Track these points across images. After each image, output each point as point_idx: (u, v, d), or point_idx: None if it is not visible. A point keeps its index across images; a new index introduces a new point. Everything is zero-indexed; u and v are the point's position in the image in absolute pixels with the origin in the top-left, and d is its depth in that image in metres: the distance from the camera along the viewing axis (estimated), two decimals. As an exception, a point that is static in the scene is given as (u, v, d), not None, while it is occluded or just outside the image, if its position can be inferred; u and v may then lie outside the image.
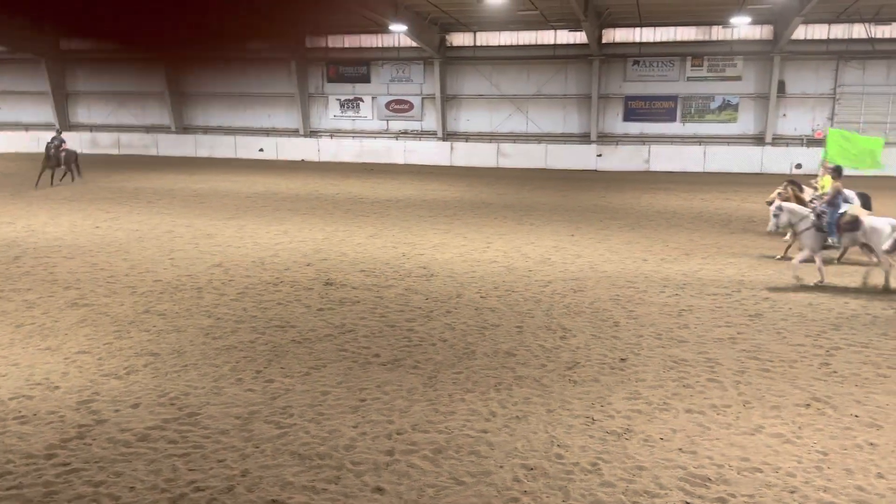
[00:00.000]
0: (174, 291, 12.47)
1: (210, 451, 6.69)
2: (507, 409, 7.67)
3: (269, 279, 13.42)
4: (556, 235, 18.33)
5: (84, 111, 47.75)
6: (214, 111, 45.59)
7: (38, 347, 9.49)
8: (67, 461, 6.48)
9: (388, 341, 9.89)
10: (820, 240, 13.29)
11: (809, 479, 6.27)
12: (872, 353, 9.55)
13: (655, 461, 6.56)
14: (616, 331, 10.45)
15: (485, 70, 40.49)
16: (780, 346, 9.83)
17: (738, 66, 36.95)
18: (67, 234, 17.79)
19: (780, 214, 13.58)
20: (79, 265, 14.38)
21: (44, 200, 23.57)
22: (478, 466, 6.46)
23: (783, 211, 13.62)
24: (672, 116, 38.32)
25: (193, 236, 17.68)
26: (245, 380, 8.45)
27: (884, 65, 35.13)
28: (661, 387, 8.32)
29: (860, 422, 7.42)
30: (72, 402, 7.73)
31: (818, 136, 36.52)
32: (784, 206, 13.78)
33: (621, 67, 38.50)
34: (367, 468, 6.41)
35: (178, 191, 26.77)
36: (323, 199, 24.86)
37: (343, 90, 43.11)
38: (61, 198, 24.18)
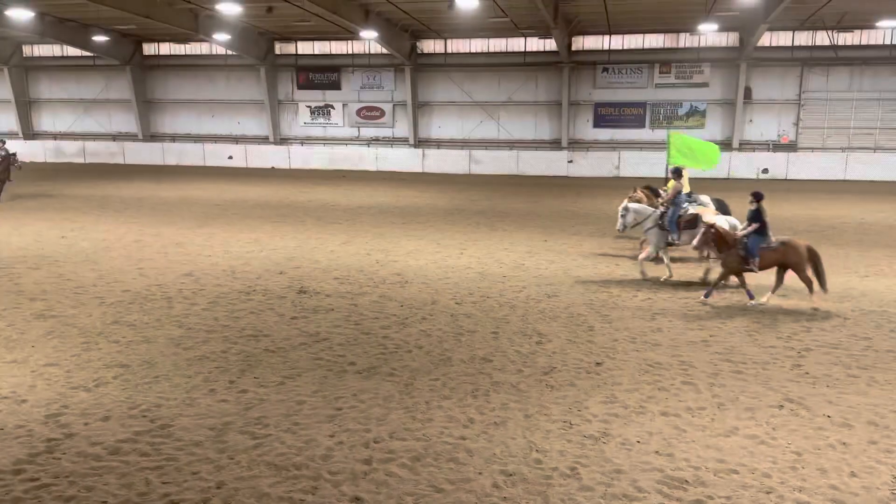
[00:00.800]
0: (143, 301, 12.25)
1: (184, 463, 6.57)
2: (484, 415, 7.65)
3: (241, 288, 13.26)
4: (529, 241, 18.39)
5: (48, 119, 46.89)
6: (182, 118, 45.07)
7: (4, 360, 9.25)
8: (36, 476, 6.32)
9: (363, 349, 9.82)
10: (663, 237, 14.14)
11: (785, 480, 6.33)
12: (843, 354, 9.71)
13: (633, 464, 6.58)
14: (591, 335, 10.49)
15: (456, 77, 40.59)
16: (753, 348, 9.95)
17: (705, 73, 37.50)
18: (32, 244, 17.41)
19: (626, 214, 14.48)
20: (45, 276, 14.08)
21: (7, 210, 23.06)
22: (457, 473, 6.42)
23: (629, 211, 14.49)
24: (641, 123, 38.75)
25: (162, 245, 17.41)
26: (218, 390, 8.32)
27: (847, 71, 35.91)
28: (636, 390, 8.36)
29: (832, 422, 7.53)
30: (40, 416, 7.54)
31: (784, 142, 37.24)
32: (630, 207, 14.59)
33: (591, 74, 38.87)
34: (344, 478, 6.34)
35: (146, 199, 26.38)
36: (294, 207, 24.67)
37: (313, 97, 42.89)
38: (25, 207, 23.68)
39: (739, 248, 12.04)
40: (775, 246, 12.00)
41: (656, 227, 14.18)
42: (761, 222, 12.10)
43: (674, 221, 14.07)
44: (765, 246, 12.01)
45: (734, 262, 12.14)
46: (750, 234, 12.07)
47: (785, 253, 11.91)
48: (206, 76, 44.02)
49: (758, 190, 12.69)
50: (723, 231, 12.19)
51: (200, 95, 44.37)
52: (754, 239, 12.02)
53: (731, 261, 12.17)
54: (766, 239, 12.10)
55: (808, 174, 35.61)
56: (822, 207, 25.18)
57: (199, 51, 43.61)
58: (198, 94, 44.41)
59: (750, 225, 12.17)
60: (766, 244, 12.03)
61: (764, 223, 12.10)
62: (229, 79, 43.77)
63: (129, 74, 43.37)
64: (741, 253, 12.03)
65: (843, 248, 17.48)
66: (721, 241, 12.11)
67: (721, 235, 12.11)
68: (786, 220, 22.30)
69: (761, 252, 11.97)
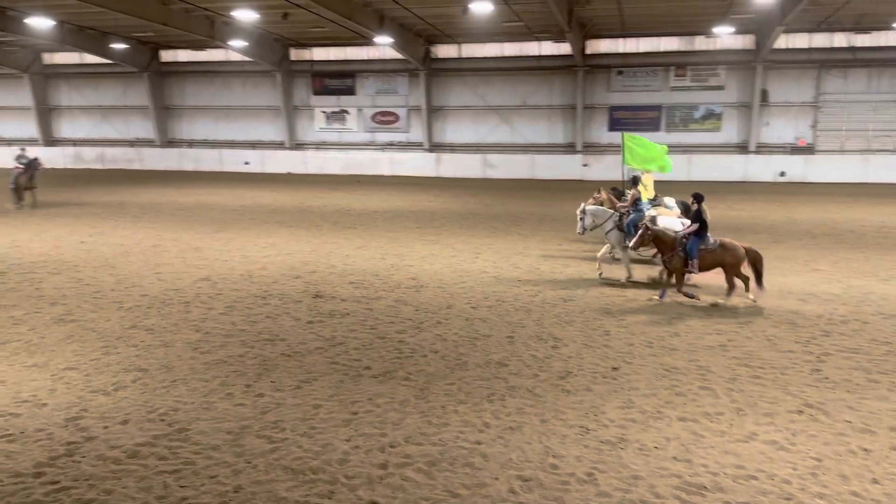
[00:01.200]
0: (161, 306, 12.35)
1: (201, 467, 6.61)
2: (500, 419, 7.64)
3: (258, 292, 13.33)
4: (544, 245, 18.35)
5: (68, 126, 47.44)
6: (199, 124, 45.43)
7: (25, 364, 9.35)
8: (56, 479, 6.38)
9: (379, 353, 9.84)
10: (622, 239, 14.32)
11: (805, 486, 6.27)
12: (863, 358, 9.60)
13: (651, 470, 6.54)
14: (607, 339, 10.45)
15: (470, 81, 40.63)
16: (771, 352, 9.86)
17: (721, 76, 37.29)
18: (53, 249, 17.61)
19: (584, 217, 14.71)
20: (65, 281, 14.23)
21: (28, 216, 23.34)
22: (472, 478, 6.41)
23: (587, 214, 14.72)
24: (656, 126, 38.57)
25: (180, 250, 17.55)
26: (235, 394, 8.36)
27: (864, 73, 35.56)
28: (654, 395, 8.31)
29: (853, 427, 7.45)
30: (60, 420, 7.61)
31: (802, 145, 36.93)
32: (588, 210, 14.81)
33: (605, 78, 38.76)
34: (360, 482, 6.35)
35: (163, 205, 26.60)
36: (310, 212, 24.78)
37: (328, 102, 43.08)
38: (46, 213, 23.95)
39: (679, 249, 12.21)
40: (713, 248, 12.16)
41: (616, 230, 14.43)
42: (702, 223, 12.25)
43: (631, 224, 14.25)
44: (703, 248, 12.16)
45: (677, 263, 12.32)
46: (690, 236, 12.22)
47: (723, 254, 12.11)
48: (223, 82, 44.36)
49: (698, 192, 12.86)
50: (660, 232, 12.36)
51: (217, 101, 44.71)
52: (694, 241, 12.16)
53: (674, 262, 12.36)
54: (706, 241, 12.24)
55: (827, 177, 35.28)
56: (840, 211, 24.93)
57: (216, 57, 43.94)
58: (214, 101, 44.75)
59: (691, 225, 12.36)
60: (705, 246, 12.18)
61: (704, 224, 12.27)
62: (245, 85, 44.08)
63: (146, 81, 43.79)
64: (681, 254, 12.20)
65: (862, 252, 17.30)
66: (660, 243, 12.31)
67: (658, 237, 12.29)
68: (803, 223, 22.12)
69: (700, 254, 12.14)
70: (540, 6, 28.27)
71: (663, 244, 12.35)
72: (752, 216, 23.77)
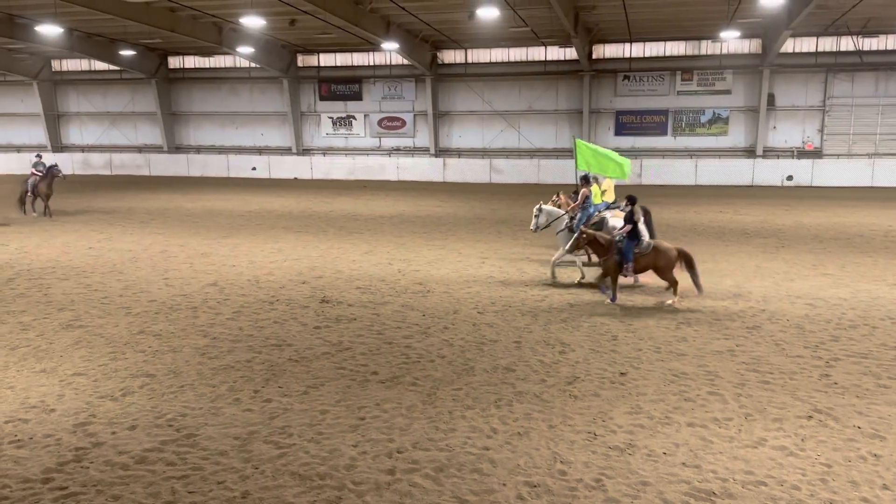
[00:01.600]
0: (169, 311, 12.38)
1: (209, 472, 6.61)
2: (508, 425, 7.62)
3: (265, 297, 13.35)
4: (550, 250, 18.30)
5: (76, 132, 47.73)
6: (207, 130, 45.66)
7: (34, 370, 9.39)
8: (65, 485, 6.39)
9: (385, 358, 9.83)
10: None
11: (815, 492, 6.23)
12: (872, 363, 9.55)
13: (659, 476, 6.51)
14: (615, 344, 10.42)
15: (476, 86, 40.72)
16: (780, 357, 9.82)
17: (727, 80, 37.27)
18: (61, 255, 17.69)
19: (539, 215, 14.97)
20: (73, 286, 14.29)
21: (37, 222, 23.46)
22: (480, 484, 6.39)
23: (542, 212, 14.97)
24: (663, 130, 38.58)
25: (188, 256, 17.60)
26: (243, 399, 8.37)
27: (872, 77, 35.49)
28: (662, 401, 8.28)
29: (863, 433, 7.40)
30: (68, 425, 7.63)
31: (809, 149, 36.83)
32: (543, 209, 15.06)
33: (612, 82, 38.80)
34: (368, 488, 6.34)
35: (171, 210, 26.70)
36: (317, 217, 24.83)
37: (335, 108, 43.26)
38: (54, 219, 24.07)
39: (615, 252, 12.41)
40: (647, 250, 12.36)
41: (566, 230, 14.59)
42: (634, 224, 12.46)
43: (579, 225, 14.43)
44: (638, 251, 12.35)
45: (612, 265, 12.50)
46: (625, 239, 12.39)
47: (655, 257, 12.31)
48: (230, 88, 44.59)
49: (631, 194, 13.24)
50: (595, 236, 12.56)
51: (224, 107, 44.94)
52: (628, 244, 12.34)
53: (609, 265, 12.55)
54: (640, 243, 12.43)
55: (834, 181, 35.20)
56: (848, 215, 24.85)
57: (223, 63, 44.20)
58: (222, 107, 44.98)
59: (624, 227, 12.55)
60: (639, 249, 12.37)
61: (636, 226, 12.48)
62: (253, 91, 44.30)
63: (154, 87, 44.05)
64: (616, 257, 12.40)
65: (870, 256, 17.22)
66: (595, 246, 12.50)
67: (594, 241, 12.48)
68: (811, 227, 22.05)
69: (635, 256, 12.34)
70: (546, 11, 28.32)
71: (599, 247, 12.60)
72: (759, 220, 23.71)
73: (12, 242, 19.38)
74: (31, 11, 31.05)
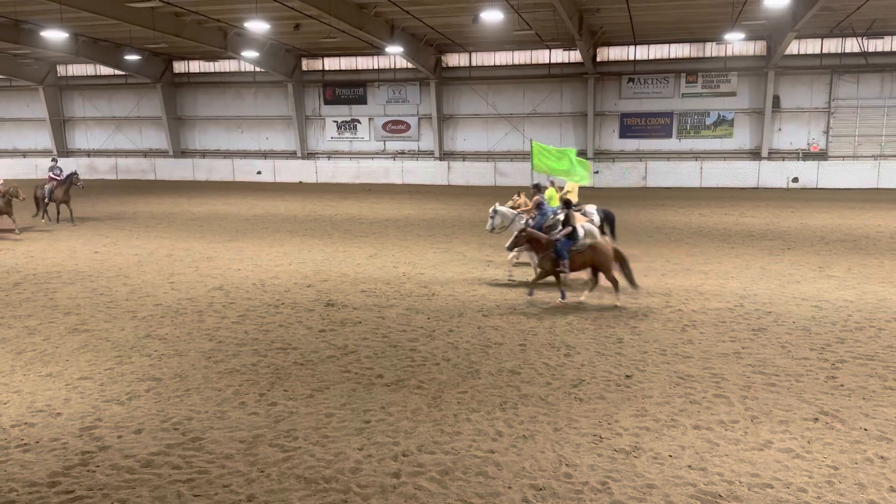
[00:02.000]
0: (175, 315, 12.41)
1: (215, 476, 6.62)
2: (513, 428, 7.61)
3: (270, 301, 13.37)
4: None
5: (82, 137, 47.91)
6: (212, 135, 45.79)
7: (40, 374, 9.42)
8: (71, 489, 6.41)
9: (391, 362, 9.84)
10: None
11: (821, 495, 6.20)
12: (879, 365, 9.51)
13: (665, 479, 6.49)
14: (620, 347, 10.40)
15: (481, 89, 40.75)
16: (786, 360, 9.79)
17: (732, 82, 37.22)
18: (67, 259, 17.75)
19: (494, 216, 15.21)
20: (79, 290, 14.33)
21: (43, 227, 23.54)
22: (486, 487, 6.39)
23: (497, 214, 15.21)
24: (668, 133, 38.54)
25: (193, 260, 17.64)
26: (248, 403, 8.38)
27: (877, 78, 35.40)
28: (667, 403, 8.26)
29: (869, 435, 7.37)
30: (74, 429, 7.65)
31: (814, 150, 36.74)
32: (498, 210, 15.31)
33: (616, 85, 38.79)
34: (373, 491, 6.34)
35: (176, 214, 26.78)
36: (322, 221, 24.87)
37: (340, 112, 43.34)
38: (60, 224, 24.14)
39: (551, 251, 12.75)
40: (583, 249, 12.79)
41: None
42: (571, 227, 12.83)
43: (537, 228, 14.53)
44: (574, 249, 12.77)
45: (548, 264, 12.86)
46: (561, 238, 12.78)
47: (593, 255, 12.72)
48: (235, 93, 44.71)
49: (567, 198, 13.96)
50: (535, 235, 12.85)
51: (229, 112, 45.07)
52: (564, 242, 12.73)
53: (545, 263, 12.91)
54: (577, 242, 12.86)
55: (840, 183, 35.09)
56: (854, 216, 24.77)
57: (228, 68, 44.33)
58: (227, 111, 45.12)
59: (563, 229, 12.92)
60: (576, 248, 12.80)
61: (574, 228, 12.91)
62: (257, 95, 44.42)
63: (159, 92, 44.20)
64: (553, 256, 12.75)
65: (876, 258, 17.17)
66: (535, 244, 12.83)
67: (533, 239, 12.79)
68: (817, 229, 21.98)
69: (571, 255, 12.75)
70: (550, 14, 28.35)
71: (538, 246, 12.97)
72: (765, 222, 23.65)
73: (18, 247, 19.45)
74: (37, 17, 31.20)
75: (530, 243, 13.11)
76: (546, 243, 12.88)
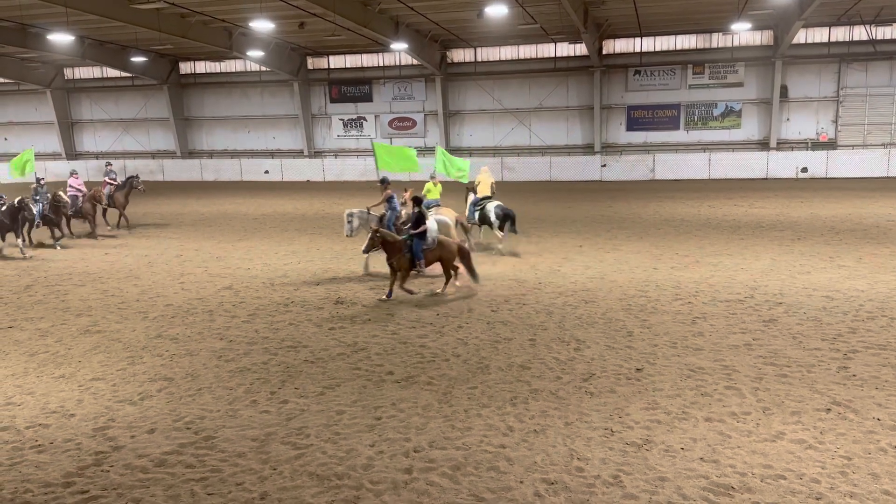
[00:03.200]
0: (185, 315, 12.47)
1: (228, 474, 6.65)
2: (524, 423, 7.61)
3: (280, 300, 13.41)
4: (564, 247, 18.30)
5: (90, 139, 48.13)
6: (219, 135, 45.92)
7: (53, 375, 9.48)
8: (85, 489, 6.45)
9: (401, 358, 9.85)
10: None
11: (835, 485, 6.18)
12: (891, 355, 9.46)
13: (677, 471, 6.48)
14: (630, 340, 10.38)
15: (486, 85, 40.68)
16: (797, 351, 9.75)
17: (739, 73, 37.01)
18: (77, 261, 17.85)
19: (352, 220, 15.02)
20: (90, 292, 14.42)
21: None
22: (498, 482, 6.39)
23: (354, 216, 15.02)
24: (675, 124, 38.37)
25: (203, 259, 17.71)
26: (260, 401, 8.42)
27: (887, 66, 35.12)
28: (678, 396, 8.25)
29: (883, 425, 7.33)
30: (88, 430, 7.71)
31: (823, 140, 36.51)
32: (354, 213, 15.09)
33: (623, 77, 38.63)
34: (385, 487, 6.36)
35: (185, 215, 26.88)
36: (330, 219, 24.89)
37: (346, 110, 43.37)
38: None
39: (406, 250, 12.94)
40: (432, 246, 13.13)
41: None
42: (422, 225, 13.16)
43: (390, 225, 14.79)
44: (426, 247, 13.11)
45: (404, 263, 13.02)
46: (414, 238, 13.01)
47: (440, 251, 13.17)
48: (241, 92, 44.82)
49: (418, 196, 14.03)
50: (387, 235, 12.95)
51: (236, 112, 45.18)
52: (417, 242, 12.99)
53: (401, 262, 13.02)
54: (426, 241, 13.22)
55: (849, 172, 34.85)
56: (864, 206, 24.61)
57: (234, 68, 44.43)
58: (233, 111, 45.22)
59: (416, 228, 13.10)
60: (427, 246, 13.16)
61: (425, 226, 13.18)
62: (263, 94, 44.50)
63: (166, 93, 44.36)
64: (408, 255, 12.96)
65: (887, 247, 17.05)
66: (388, 246, 12.88)
67: (386, 241, 12.85)
68: (826, 219, 21.85)
69: (424, 252, 13.11)
70: (555, 7, 28.25)
71: (392, 247, 13.02)
72: (774, 213, 23.54)
73: (28, 249, 19.56)
74: (43, 20, 31.35)
75: (383, 245, 13.06)
76: (399, 244, 13.00)
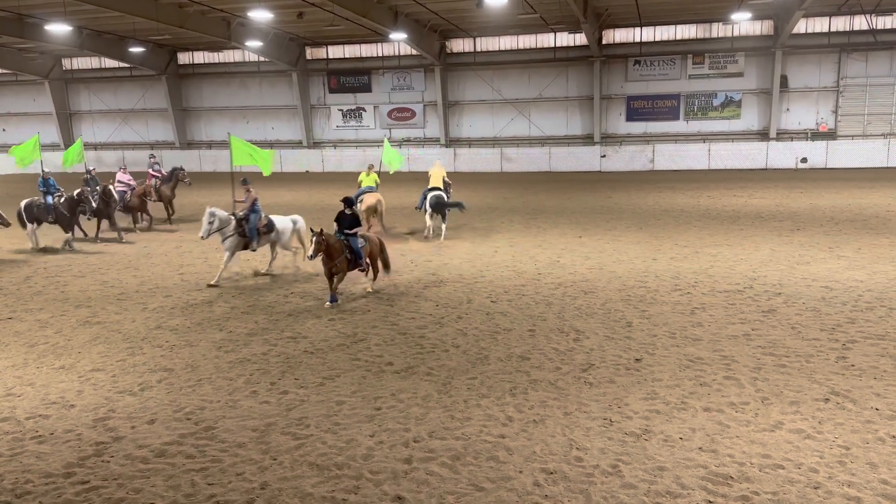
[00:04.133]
0: (185, 306, 12.48)
1: (228, 464, 6.68)
2: (523, 413, 7.64)
3: (279, 290, 13.41)
4: (563, 238, 18.29)
5: (88, 130, 48.00)
6: (217, 125, 45.77)
7: (53, 366, 9.50)
8: (86, 479, 6.47)
9: (400, 349, 9.87)
10: (241, 244, 14.43)
11: (833, 475, 6.20)
12: (890, 345, 9.48)
13: (676, 461, 6.51)
14: (629, 331, 10.40)
15: (486, 75, 40.55)
16: (796, 341, 9.77)
17: (739, 63, 36.90)
18: (77, 252, 17.82)
19: (213, 221, 14.26)
20: (89, 283, 14.42)
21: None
22: (497, 472, 6.42)
23: (216, 217, 14.28)
24: (675, 115, 38.28)
25: (202, 251, 17.70)
26: (260, 392, 8.43)
27: (887, 56, 35.02)
28: (677, 386, 8.27)
29: (881, 415, 7.36)
30: (88, 420, 7.72)
31: (823, 130, 36.45)
32: (216, 213, 14.36)
33: (622, 68, 38.51)
34: (385, 477, 6.38)
35: (184, 206, 26.82)
36: (329, 209, 24.84)
37: (345, 100, 43.24)
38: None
39: (346, 252, 12.79)
40: (364, 244, 13.16)
41: (236, 235, 14.32)
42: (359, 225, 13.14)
43: (254, 228, 14.43)
44: (361, 245, 13.09)
45: (345, 265, 12.79)
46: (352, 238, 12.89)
47: (371, 247, 13.22)
48: (240, 83, 44.66)
49: (348, 196, 13.56)
50: (330, 238, 12.69)
51: (234, 102, 45.04)
52: (355, 241, 12.88)
53: (343, 265, 12.76)
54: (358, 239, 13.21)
55: (849, 162, 34.83)
56: (864, 196, 24.60)
57: (233, 58, 44.25)
58: (232, 101, 45.09)
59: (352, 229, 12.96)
60: (361, 244, 13.12)
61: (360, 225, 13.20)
62: (262, 85, 44.35)
63: (164, 84, 44.20)
64: (348, 256, 12.82)
65: (887, 237, 17.06)
66: (330, 249, 12.63)
67: (330, 244, 12.57)
68: (826, 209, 21.85)
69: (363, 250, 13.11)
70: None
71: (334, 250, 12.58)
72: (774, 203, 23.53)
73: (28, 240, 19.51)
74: (41, 10, 31.20)
75: (325, 249, 12.50)
76: (339, 246, 12.70)
